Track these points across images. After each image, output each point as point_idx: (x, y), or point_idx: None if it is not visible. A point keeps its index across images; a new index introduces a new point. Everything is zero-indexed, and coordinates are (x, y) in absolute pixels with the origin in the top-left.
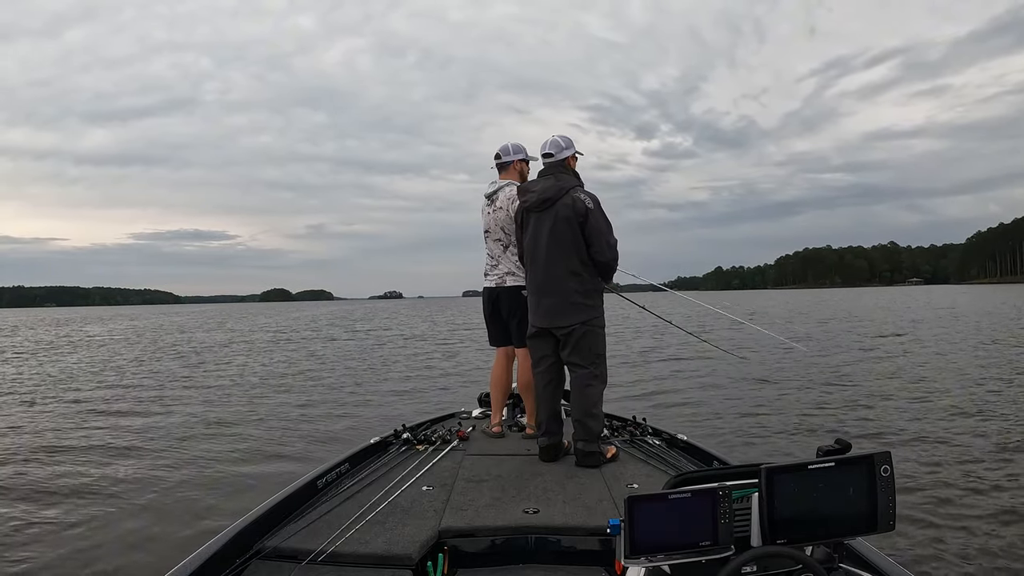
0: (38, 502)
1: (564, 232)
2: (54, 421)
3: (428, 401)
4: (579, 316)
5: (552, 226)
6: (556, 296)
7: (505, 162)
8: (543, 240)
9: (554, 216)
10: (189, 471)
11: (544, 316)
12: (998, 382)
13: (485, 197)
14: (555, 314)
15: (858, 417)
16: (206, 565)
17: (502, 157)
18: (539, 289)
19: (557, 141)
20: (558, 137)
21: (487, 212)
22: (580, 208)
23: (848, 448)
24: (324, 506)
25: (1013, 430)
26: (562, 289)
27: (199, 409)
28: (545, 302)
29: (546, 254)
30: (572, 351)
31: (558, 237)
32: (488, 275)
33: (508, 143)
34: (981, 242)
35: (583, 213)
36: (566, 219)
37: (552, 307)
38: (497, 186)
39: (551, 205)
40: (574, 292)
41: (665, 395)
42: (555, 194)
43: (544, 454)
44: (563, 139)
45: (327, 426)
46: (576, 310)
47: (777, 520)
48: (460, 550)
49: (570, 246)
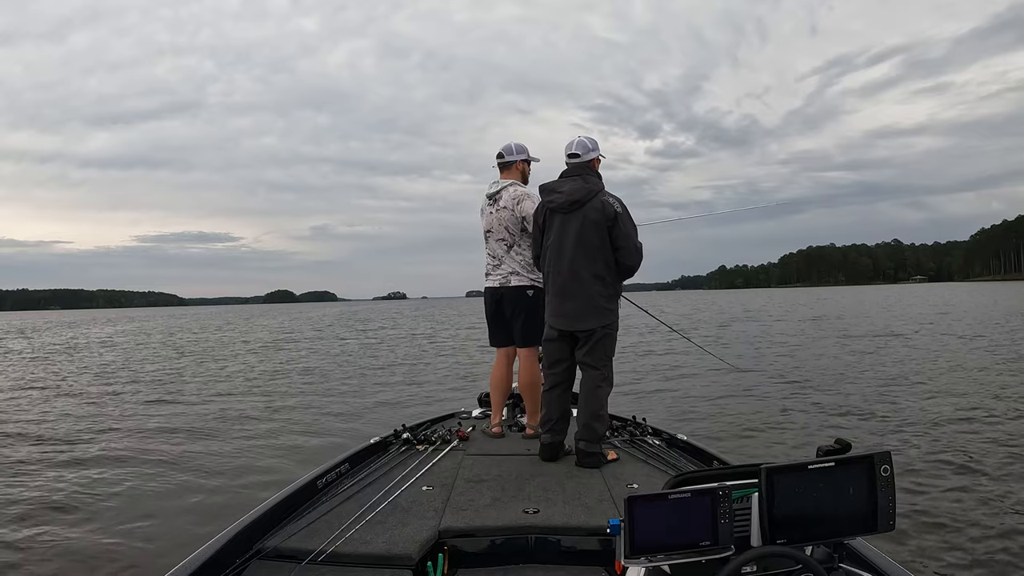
0: (42, 501)
1: (591, 235)
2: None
3: (428, 401)
4: (601, 320)
5: (580, 229)
6: (580, 299)
7: (508, 161)
8: (569, 242)
9: (582, 218)
10: (191, 470)
11: (567, 319)
12: (1005, 380)
13: (487, 197)
14: (579, 317)
15: (858, 417)
16: (206, 565)
17: (505, 156)
18: (562, 291)
19: (584, 142)
20: (584, 138)
21: (489, 212)
22: (609, 212)
23: (848, 448)
24: (324, 506)
25: (1015, 429)
26: (587, 292)
27: (202, 408)
28: (569, 305)
29: (572, 256)
30: (588, 352)
31: (585, 240)
32: (490, 275)
33: (511, 143)
34: (985, 239)
35: (612, 217)
36: (595, 223)
37: (576, 310)
38: (500, 186)
39: (579, 207)
40: (598, 295)
41: (663, 394)
42: (584, 196)
43: (545, 451)
44: (589, 140)
45: (327, 426)
46: (599, 314)
47: (777, 520)
48: (460, 550)
49: (596, 249)
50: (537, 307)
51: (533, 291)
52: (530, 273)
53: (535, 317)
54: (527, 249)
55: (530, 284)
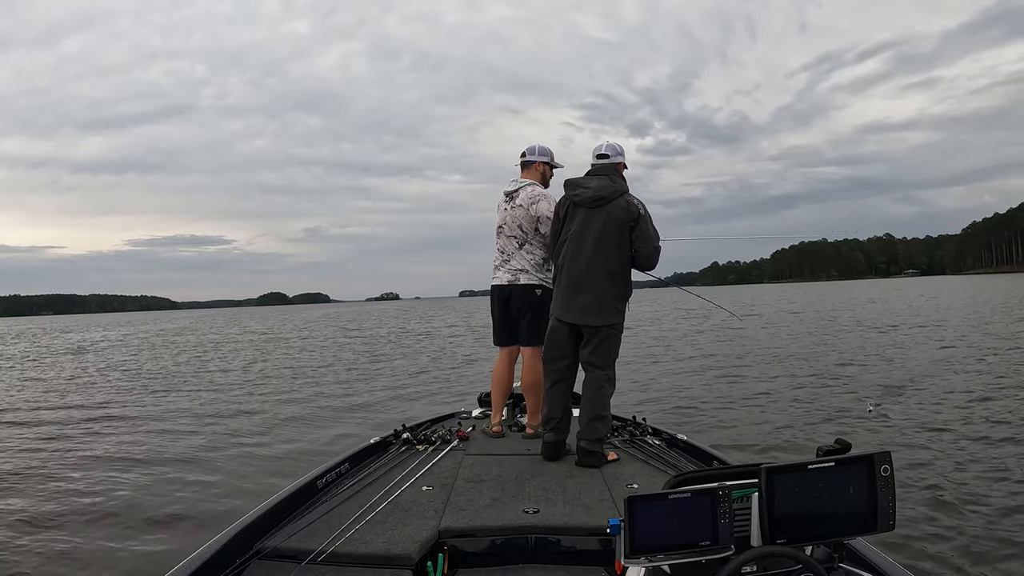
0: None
1: (613, 232)
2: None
3: (428, 401)
4: (610, 318)
5: (603, 225)
6: (593, 294)
7: (529, 160)
8: (590, 236)
9: (606, 215)
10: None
11: (577, 312)
12: (1004, 378)
13: (504, 194)
14: (589, 312)
15: (857, 417)
16: (206, 565)
17: (527, 156)
18: (576, 284)
19: (613, 145)
20: (614, 143)
21: (504, 208)
22: (633, 212)
23: (848, 448)
24: (324, 506)
25: (1018, 428)
26: (600, 288)
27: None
28: (581, 299)
29: (591, 251)
30: (593, 351)
31: (606, 236)
32: (498, 271)
33: (536, 144)
34: (976, 233)
35: (635, 217)
36: (618, 220)
37: (588, 305)
38: (519, 184)
39: (604, 204)
40: (609, 293)
41: (658, 393)
42: (610, 194)
43: (548, 450)
44: (618, 145)
45: (326, 426)
46: (609, 312)
47: (777, 520)
48: (460, 550)
49: (615, 247)
50: (544, 306)
51: (541, 290)
52: (539, 272)
53: (541, 316)
54: (538, 249)
55: (539, 283)
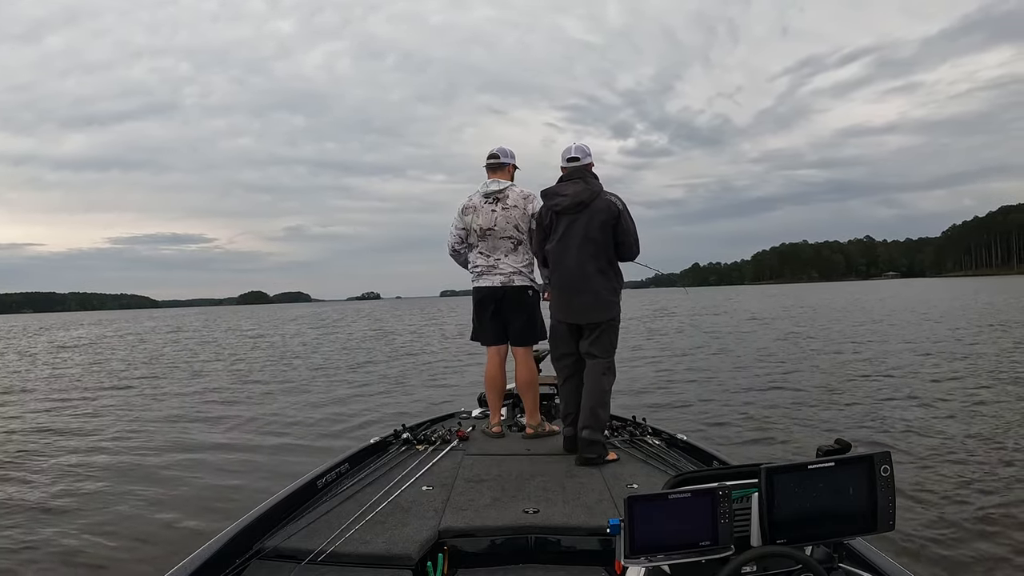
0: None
1: (597, 233)
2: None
3: (428, 401)
4: (609, 313)
5: (587, 228)
6: (589, 294)
7: (502, 163)
8: (575, 241)
9: (588, 217)
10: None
11: (577, 313)
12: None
13: (484, 196)
14: (589, 312)
15: (858, 416)
16: (206, 565)
17: (500, 158)
18: (570, 287)
19: (582, 147)
20: (582, 144)
21: (491, 210)
22: (613, 211)
23: (848, 448)
24: (324, 506)
25: (1018, 428)
26: (594, 287)
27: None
28: (578, 300)
29: (578, 254)
30: (593, 343)
31: (591, 237)
32: (485, 275)
33: (503, 146)
34: (956, 236)
35: (616, 215)
36: (601, 222)
37: (586, 305)
38: (503, 185)
39: (585, 207)
40: (603, 289)
41: (656, 393)
42: (588, 197)
43: (570, 443)
44: (586, 146)
45: (326, 425)
46: (606, 307)
47: (777, 520)
48: (460, 550)
49: (602, 246)
50: (536, 307)
51: (532, 292)
52: (530, 274)
53: (534, 317)
54: (529, 251)
55: (530, 284)
